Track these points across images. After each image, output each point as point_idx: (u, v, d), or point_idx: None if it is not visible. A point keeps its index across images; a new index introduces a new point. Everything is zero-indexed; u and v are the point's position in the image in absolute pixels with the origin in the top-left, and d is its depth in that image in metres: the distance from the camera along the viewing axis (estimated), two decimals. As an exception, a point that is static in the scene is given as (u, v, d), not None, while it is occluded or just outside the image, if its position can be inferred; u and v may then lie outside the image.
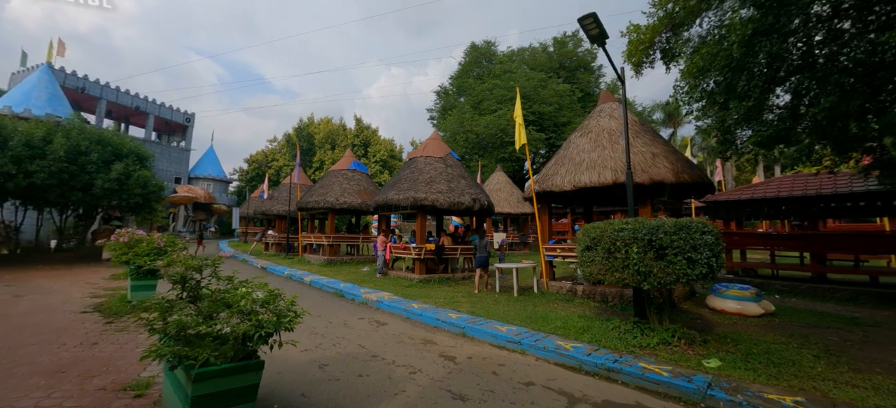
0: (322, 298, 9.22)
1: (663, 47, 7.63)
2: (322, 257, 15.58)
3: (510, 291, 9.61)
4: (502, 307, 7.73)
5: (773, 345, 5.38)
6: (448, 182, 11.59)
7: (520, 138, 9.78)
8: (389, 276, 12.05)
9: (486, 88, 26.52)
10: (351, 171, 16.90)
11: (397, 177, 12.48)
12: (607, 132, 8.93)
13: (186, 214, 39.30)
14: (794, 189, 10.62)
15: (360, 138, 47.08)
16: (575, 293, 8.84)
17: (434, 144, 13.00)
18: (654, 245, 4.84)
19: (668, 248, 4.74)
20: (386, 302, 7.93)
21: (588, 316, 6.90)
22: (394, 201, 11.30)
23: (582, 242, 5.87)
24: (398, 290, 9.56)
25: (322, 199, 15.38)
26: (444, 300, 8.29)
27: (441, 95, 32.04)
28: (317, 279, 11.17)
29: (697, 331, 5.56)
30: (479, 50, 31.11)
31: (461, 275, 11.89)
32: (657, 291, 5.90)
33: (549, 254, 9.50)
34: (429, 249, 11.17)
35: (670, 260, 4.74)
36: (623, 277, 5.05)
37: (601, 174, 8.00)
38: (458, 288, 10.12)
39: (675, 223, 4.85)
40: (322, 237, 15.79)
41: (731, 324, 6.78)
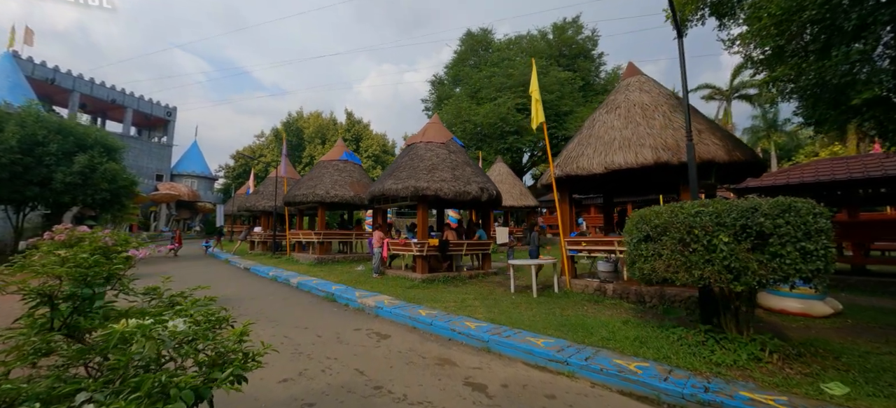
0: (311, 303, 7.90)
1: (714, 1, 6.44)
2: (312, 256, 14.21)
3: (527, 291, 8.41)
4: (524, 312, 6.52)
5: (881, 356, 4.26)
6: (452, 169, 10.31)
7: (537, 116, 8.55)
8: (387, 276, 10.76)
9: (483, 76, 25.24)
10: (343, 161, 15.51)
11: (395, 165, 11.17)
12: (640, 107, 7.74)
13: (169, 213, 37.37)
14: (836, 172, 9.61)
15: (352, 133, 45.47)
16: (604, 293, 7.67)
17: (435, 129, 11.70)
18: (751, 232, 3.65)
19: (773, 235, 3.54)
20: (386, 308, 6.65)
21: (633, 321, 5.71)
22: (391, 192, 10.00)
23: (636, 232, 4.67)
24: (399, 292, 8.28)
25: (311, 192, 13.98)
26: (454, 304, 7.05)
27: (436, 85, 30.65)
28: (305, 281, 9.82)
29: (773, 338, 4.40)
30: (476, 38, 29.78)
31: (468, 273, 10.65)
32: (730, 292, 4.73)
33: (571, 248, 8.31)
34: (432, 246, 9.91)
35: (775, 252, 3.54)
36: (705, 274, 3.85)
37: (639, 153, 6.81)
38: (468, 288, 8.88)
39: (775, 203, 3.66)
40: (311, 234, 14.41)
41: (801, 328, 5.66)
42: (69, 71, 32.41)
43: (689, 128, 5.10)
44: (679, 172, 6.73)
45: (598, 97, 27.10)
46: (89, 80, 33.74)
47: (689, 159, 5.01)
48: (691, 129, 6.93)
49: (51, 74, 31.17)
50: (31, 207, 15.05)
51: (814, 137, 28.67)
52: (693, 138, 6.71)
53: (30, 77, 28.86)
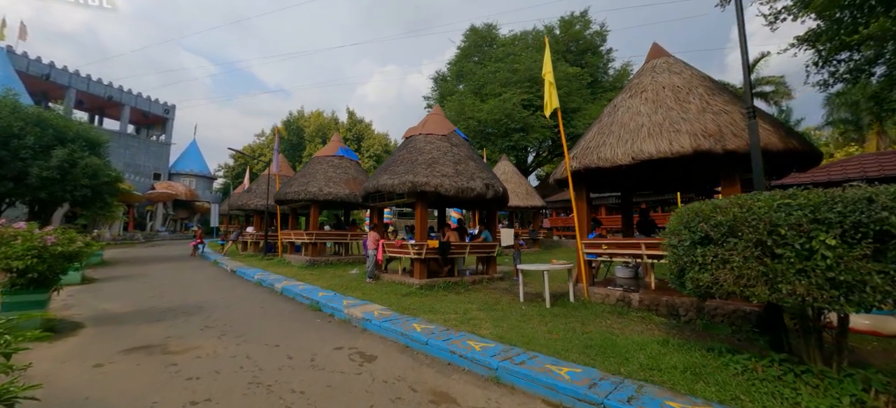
0: (291, 313, 6.92)
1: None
2: (304, 258, 13.26)
3: (538, 301, 7.40)
4: (538, 326, 5.50)
5: None
6: (455, 164, 9.32)
7: (551, 101, 7.55)
8: (382, 280, 9.77)
9: (488, 72, 24.25)
10: (338, 157, 14.56)
11: (392, 159, 10.19)
12: (671, 89, 6.72)
13: (166, 213, 36.63)
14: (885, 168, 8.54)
15: (353, 132, 44.66)
16: (629, 303, 6.63)
17: (436, 121, 10.72)
18: (867, 232, 2.62)
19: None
20: (376, 321, 5.65)
21: (673, 342, 4.68)
22: (387, 187, 9.02)
23: (686, 234, 3.65)
24: (393, 300, 7.29)
25: (303, 189, 13.03)
26: (456, 316, 6.04)
27: (438, 82, 29.69)
28: (290, 286, 8.85)
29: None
30: (480, 33, 28.81)
31: (470, 279, 9.64)
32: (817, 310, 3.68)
33: (590, 251, 7.28)
34: (432, 247, 8.91)
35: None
36: (797, 290, 2.82)
37: (673, 141, 5.78)
38: (471, 296, 7.87)
39: (900, 192, 2.63)
40: (303, 234, 13.46)
41: (878, 350, 4.61)
42: (65, 67, 31.78)
43: (751, 102, 4.08)
44: (723, 162, 5.70)
45: (606, 94, 26.07)
46: (86, 77, 33.10)
47: (753, 142, 4.00)
48: (736, 113, 5.93)
49: (46, 70, 30.54)
50: (8, 204, 14.21)
51: (828, 138, 27.50)
52: (738, 125, 5.71)
53: (24, 73, 28.23)
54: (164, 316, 6.56)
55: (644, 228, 8.60)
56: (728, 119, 5.79)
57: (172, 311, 6.97)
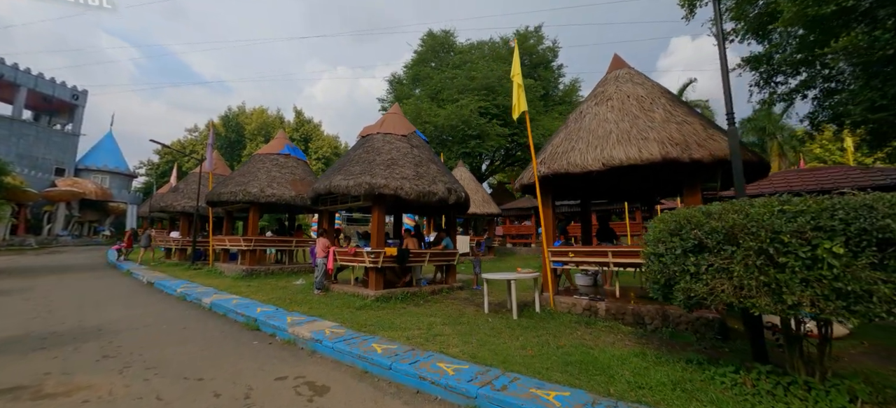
0: (222, 334, 5.83)
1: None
2: (240, 267, 11.75)
3: (503, 311, 7.05)
4: (510, 342, 5.09)
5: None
6: (415, 166, 8.74)
7: (520, 104, 7.31)
8: (332, 292, 8.84)
9: (445, 77, 24.05)
10: (283, 156, 13.24)
11: (346, 158, 9.35)
12: (635, 98, 6.78)
13: (69, 214, 31.39)
14: (806, 183, 9.48)
15: (301, 132, 42.18)
16: (595, 312, 6.49)
17: (395, 120, 10.08)
18: (872, 240, 2.51)
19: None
20: (328, 342, 4.85)
21: (651, 354, 4.50)
22: (340, 189, 8.17)
23: (678, 241, 3.44)
24: (346, 315, 6.48)
25: (241, 189, 11.59)
26: (419, 332, 5.43)
27: (394, 85, 28.91)
28: (222, 301, 7.61)
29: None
30: (437, 39, 28.61)
31: (429, 289, 9.06)
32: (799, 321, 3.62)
33: (556, 260, 7.08)
34: (389, 256, 8.20)
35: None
36: (802, 300, 2.65)
37: (642, 148, 5.75)
38: (432, 308, 7.30)
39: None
40: (240, 240, 11.95)
41: (847, 354, 4.83)
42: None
43: (730, 108, 4.05)
44: (687, 171, 5.77)
45: (557, 107, 27.11)
46: (-37, 49, 27.48)
47: (733, 148, 3.94)
48: (697, 124, 6.08)
49: None
50: None
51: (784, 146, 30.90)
52: (701, 135, 5.83)
53: None
54: (47, 343, 5.15)
55: (603, 237, 8.66)
56: (690, 129, 5.90)
57: (60, 336, 5.54)
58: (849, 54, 4.14)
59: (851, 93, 5.45)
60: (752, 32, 6.72)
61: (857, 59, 4.13)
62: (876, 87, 4.21)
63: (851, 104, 4.46)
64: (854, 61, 4.15)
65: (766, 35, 7.28)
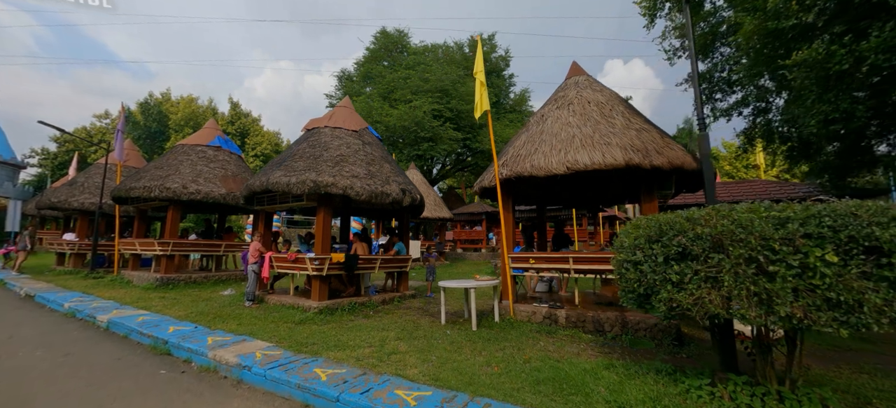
0: (118, 362, 4.66)
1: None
2: (154, 275, 10.01)
3: (460, 321, 6.61)
4: (471, 356, 4.66)
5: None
6: (367, 164, 8.02)
7: (482, 103, 6.97)
8: (268, 304, 7.77)
9: (399, 77, 23.35)
10: (213, 148, 11.64)
11: (288, 152, 8.33)
12: (596, 105, 6.78)
13: (-77, 211, 25.29)
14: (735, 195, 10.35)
15: (237, 126, 38.68)
16: (555, 320, 6.30)
17: (345, 114, 9.26)
18: (860, 248, 2.43)
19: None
20: (259, 368, 4.00)
21: (617, 365, 4.31)
22: (281, 187, 7.20)
23: (660, 248, 3.23)
24: (283, 332, 5.59)
25: (159, 184, 9.89)
26: (370, 350, 4.77)
27: (343, 81, 27.51)
28: (124, 319, 6.25)
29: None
30: (391, 38, 27.80)
31: (379, 298, 8.35)
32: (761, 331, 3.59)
33: (517, 266, 6.81)
34: (336, 262, 7.38)
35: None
36: (794, 312, 2.51)
37: (606, 153, 5.68)
38: (384, 320, 6.63)
39: (878, 208, 2.53)
40: (155, 244, 10.20)
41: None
42: None
43: (701, 112, 4.01)
44: (646, 177, 5.81)
45: (508, 116, 27.68)
46: None
47: (704, 153, 3.88)
48: (656, 133, 6.17)
49: None
50: None
51: None
52: (659, 142, 5.91)
53: None
54: None
55: (559, 242, 8.64)
56: (649, 137, 5.97)
57: None
58: (808, 67, 4.39)
59: (784, 110, 5.89)
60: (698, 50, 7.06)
61: (813, 72, 4.40)
62: (830, 101, 4.54)
63: (807, 118, 4.76)
64: (809, 75, 4.42)
65: (708, 54, 7.72)
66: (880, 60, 3.70)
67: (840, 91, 4.32)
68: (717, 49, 7.82)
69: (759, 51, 5.16)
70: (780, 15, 4.36)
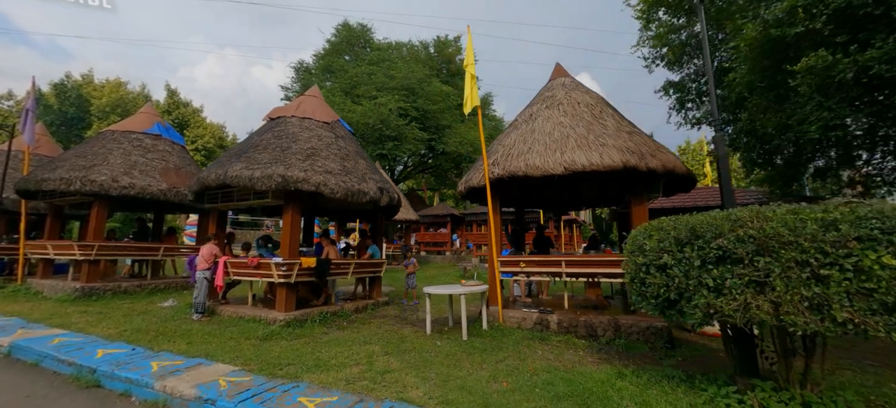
0: (27, 398, 3.61)
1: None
2: (73, 284, 8.38)
3: (447, 330, 6.17)
4: (473, 371, 4.24)
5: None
6: (342, 160, 7.30)
7: (472, 98, 6.59)
8: (220, 317, 6.75)
9: (362, 72, 22.38)
10: (152, 137, 10.10)
11: (249, 143, 7.34)
12: (585, 106, 6.69)
13: None
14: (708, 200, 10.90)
15: (175, 116, 34.96)
16: (547, 326, 6.07)
17: (315, 104, 8.43)
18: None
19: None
20: (226, 402, 3.24)
21: (626, 373, 4.12)
22: (241, 181, 6.27)
23: (694, 252, 3.04)
24: (249, 351, 4.77)
25: (82, 176, 8.29)
26: (359, 370, 4.16)
27: (301, 72, 25.85)
28: (32, 341, 5.00)
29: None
30: (354, 31, 26.66)
31: (352, 306, 7.63)
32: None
33: (507, 270, 6.50)
34: (306, 267, 6.58)
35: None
36: (852, 316, 2.39)
37: (603, 154, 5.54)
38: (363, 332, 5.98)
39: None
40: (74, 247, 8.55)
41: None
42: None
43: (716, 109, 3.94)
44: (641, 179, 5.76)
45: (473, 119, 27.69)
46: None
47: (721, 153, 3.82)
48: (646, 136, 6.18)
49: None
50: None
51: None
52: (651, 145, 5.91)
53: None
54: None
55: (540, 245, 8.50)
56: (641, 140, 5.96)
57: None
58: (813, 74, 4.55)
59: (747, 122, 6.18)
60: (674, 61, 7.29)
61: (816, 79, 4.58)
62: (831, 109, 4.76)
63: (807, 124, 4.98)
64: (813, 82, 4.60)
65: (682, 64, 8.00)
66: (883, 70, 3.94)
67: (841, 99, 4.56)
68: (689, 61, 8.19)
69: (755, 59, 5.33)
70: (783, 23, 4.52)
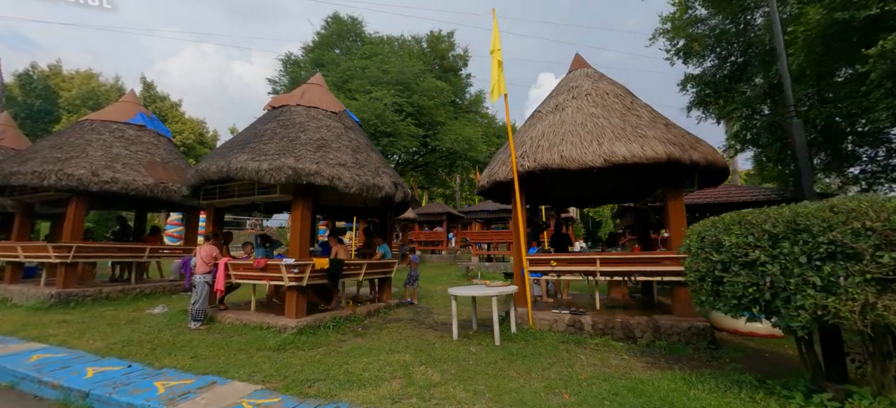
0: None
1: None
2: (46, 290, 7.52)
3: (471, 334, 5.74)
4: (528, 383, 3.84)
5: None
6: (354, 152, 6.75)
7: (500, 85, 6.15)
8: (221, 324, 6.11)
9: (355, 66, 21.61)
10: (134, 127, 9.24)
11: (252, 133, 6.70)
12: (615, 96, 6.38)
13: None
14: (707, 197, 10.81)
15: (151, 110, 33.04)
16: (581, 328, 5.71)
17: (320, 92, 7.84)
18: None
19: None
20: (259, 430, 2.72)
21: (691, 379, 3.80)
22: (247, 174, 5.66)
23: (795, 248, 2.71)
24: (264, 364, 4.22)
25: (57, 169, 7.44)
26: (400, 385, 3.69)
27: (289, 65, 24.82)
28: (5, 359, 4.29)
29: None
30: (344, 24, 25.76)
31: (364, 310, 7.11)
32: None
33: (536, 269, 6.12)
34: (319, 269, 6.02)
35: None
36: None
37: (645, 146, 5.22)
38: (384, 338, 5.49)
39: None
40: (49, 248, 7.69)
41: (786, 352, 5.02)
42: None
43: (791, 100, 3.64)
44: (683, 171, 5.48)
45: (466, 116, 27.35)
46: None
47: (799, 143, 3.49)
48: (682, 128, 5.91)
49: None
50: None
51: None
52: (689, 137, 5.64)
53: None
54: None
55: (558, 243, 8.17)
56: (679, 132, 5.67)
57: None
58: (885, 60, 4.34)
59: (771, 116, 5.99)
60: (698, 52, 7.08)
61: (888, 65, 4.37)
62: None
63: (876, 110, 4.77)
64: (883, 68, 4.39)
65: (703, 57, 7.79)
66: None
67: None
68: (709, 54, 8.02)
69: (810, 51, 5.10)
70: (851, 6, 4.31)
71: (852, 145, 7.48)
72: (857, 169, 8.29)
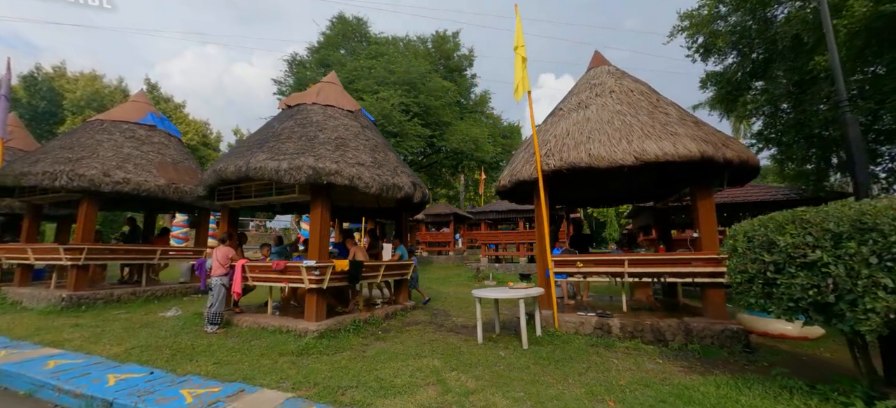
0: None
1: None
2: (59, 293, 7.38)
3: (496, 337, 5.59)
4: (570, 390, 3.70)
5: None
6: (372, 152, 6.61)
7: (524, 83, 6.00)
8: (238, 328, 5.97)
9: (361, 66, 21.49)
10: (145, 127, 9.12)
11: (269, 132, 6.56)
12: (640, 94, 6.23)
13: None
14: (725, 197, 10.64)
15: (155, 111, 32.97)
16: (609, 330, 5.56)
17: (335, 91, 7.71)
18: None
19: None
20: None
21: (738, 385, 3.67)
22: (266, 173, 5.52)
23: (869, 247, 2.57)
24: (290, 370, 4.07)
25: (68, 169, 7.31)
26: (436, 393, 3.53)
27: (294, 66, 24.72)
28: (21, 365, 4.15)
29: None
30: (350, 24, 25.66)
31: (382, 312, 6.97)
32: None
33: (561, 271, 5.96)
34: (339, 271, 5.88)
35: None
36: None
37: (677, 144, 5.07)
38: (406, 341, 5.33)
39: None
40: (60, 250, 7.56)
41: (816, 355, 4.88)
42: None
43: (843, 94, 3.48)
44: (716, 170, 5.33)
45: (472, 116, 27.20)
46: None
47: (853, 137, 3.34)
48: (710, 126, 5.75)
49: None
50: None
51: None
52: (720, 135, 5.49)
53: None
54: None
55: (578, 243, 8.00)
56: (709, 129, 5.52)
57: None
58: None
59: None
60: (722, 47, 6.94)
61: None
62: None
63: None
64: None
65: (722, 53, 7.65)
66: None
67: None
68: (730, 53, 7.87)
69: (851, 46, 4.95)
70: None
71: (872, 144, 7.33)
72: (878, 167, 8.14)
